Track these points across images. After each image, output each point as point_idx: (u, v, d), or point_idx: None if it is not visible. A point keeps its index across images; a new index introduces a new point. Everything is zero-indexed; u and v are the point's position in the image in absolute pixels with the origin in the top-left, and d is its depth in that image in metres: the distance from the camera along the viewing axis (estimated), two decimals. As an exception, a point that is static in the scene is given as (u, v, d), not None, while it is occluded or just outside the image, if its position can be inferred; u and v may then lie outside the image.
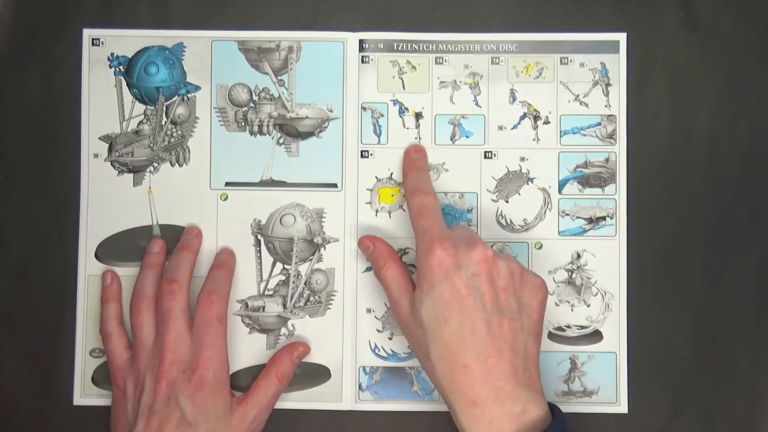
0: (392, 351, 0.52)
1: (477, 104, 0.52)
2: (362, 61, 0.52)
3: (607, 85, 0.52)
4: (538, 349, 0.45)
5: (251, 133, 0.52)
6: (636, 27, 0.52)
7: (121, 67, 0.52)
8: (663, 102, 0.52)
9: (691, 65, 0.53)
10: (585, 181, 0.52)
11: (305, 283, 0.52)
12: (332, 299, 0.52)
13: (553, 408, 0.44)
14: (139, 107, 0.52)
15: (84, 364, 0.52)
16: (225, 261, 0.51)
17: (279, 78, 0.52)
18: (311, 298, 0.52)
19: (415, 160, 0.51)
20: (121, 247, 0.52)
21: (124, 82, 0.52)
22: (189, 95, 0.52)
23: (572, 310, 0.52)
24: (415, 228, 0.47)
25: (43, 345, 0.52)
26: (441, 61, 0.52)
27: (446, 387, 0.44)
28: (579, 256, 0.52)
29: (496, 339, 0.43)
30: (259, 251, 0.52)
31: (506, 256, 0.46)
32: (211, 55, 0.52)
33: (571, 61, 0.52)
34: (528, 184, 0.52)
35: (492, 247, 0.50)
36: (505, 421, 0.42)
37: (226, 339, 0.49)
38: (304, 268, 0.52)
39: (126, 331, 0.51)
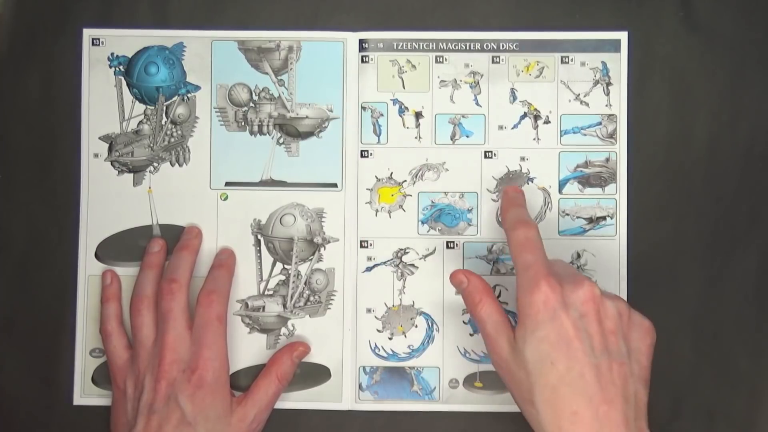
0: (392, 351, 0.52)
1: (477, 103, 0.52)
2: (362, 61, 0.52)
3: (608, 84, 0.52)
4: (647, 398, 0.42)
5: (251, 132, 0.52)
6: (636, 26, 0.52)
7: (121, 67, 0.52)
8: (663, 102, 0.52)
9: (691, 65, 0.53)
10: (585, 181, 0.52)
11: (305, 283, 0.52)
12: (332, 299, 0.52)
13: None
14: (139, 107, 0.52)
15: (84, 364, 0.52)
16: (225, 261, 0.51)
17: (279, 78, 0.52)
18: (311, 298, 0.52)
19: (514, 198, 0.50)
20: (121, 247, 0.52)
21: (124, 82, 0.52)
22: (189, 95, 0.52)
23: (572, 309, 0.52)
24: (516, 262, 0.44)
25: (43, 345, 0.52)
26: (441, 60, 0.52)
27: None
28: (579, 255, 0.52)
29: (606, 385, 0.40)
30: (259, 251, 0.52)
31: (613, 295, 0.44)
32: (211, 55, 0.52)
33: (571, 60, 0.52)
34: (528, 183, 0.52)
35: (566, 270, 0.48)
36: None
37: (226, 339, 0.49)
38: (304, 268, 0.52)
39: (126, 330, 0.51)
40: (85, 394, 0.52)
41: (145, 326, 0.49)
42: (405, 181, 0.52)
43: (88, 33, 0.52)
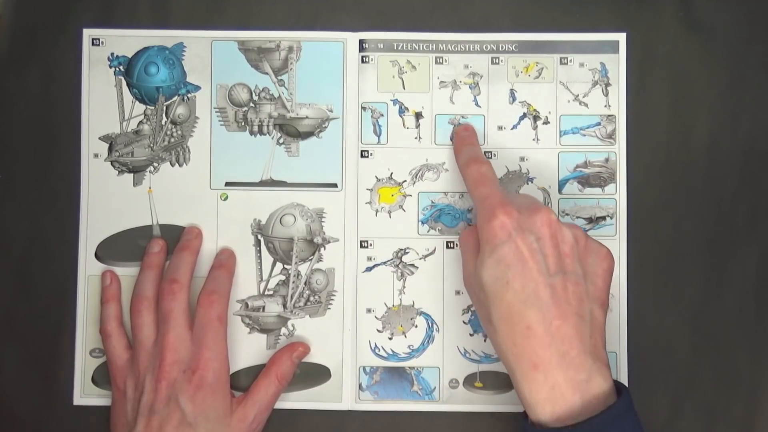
0: (392, 351, 0.52)
1: (477, 104, 0.52)
2: (362, 61, 0.52)
3: (607, 85, 0.52)
4: (604, 318, 0.43)
5: (251, 133, 0.52)
6: (636, 27, 0.52)
7: (121, 67, 0.52)
8: (663, 102, 0.52)
9: (691, 65, 0.53)
10: (585, 181, 0.52)
11: (305, 283, 0.52)
12: (332, 299, 0.52)
13: (619, 385, 0.42)
14: (139, 107, 0.52)
15: (84, 364, 0.52)
16: (225, 261, 0.51)
17: (279, 78, 0.52)
18: (311, 298, 0.52)
19: (465, 137, 0.51)
20: (121, 247, 0.52)
21: (124, 82, 0.52)
22: (189, 95, 0.52)
23: (572, 310, 0.52)
24: (474, 197, 0.46)
25: (43, 345, 0.52)
26: (441, 60, 0.52)
27: (507, 351, 0.42)
28: (579, 255, 0.52)
29: (560, 302, 0.42)
30: (259, 251, 0.52)
31: (571, 224, 0.45)
32: (211, 55, 0.52)
33: (570, 61, 0.52)
34: (528, 184, 0.52)
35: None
36: (568, 388, 0.41)
37: (227, 339, 0.49)
38: (304, 268, 0.52)
39: (126, 331, 0.51)
40: (85, 394, 0.52)
41: (145, 327, 0.49)
42: (405, 181, 0.52)
43: (88, 33, 0.52)
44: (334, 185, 0.52)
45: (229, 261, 0.51)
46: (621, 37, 0.52)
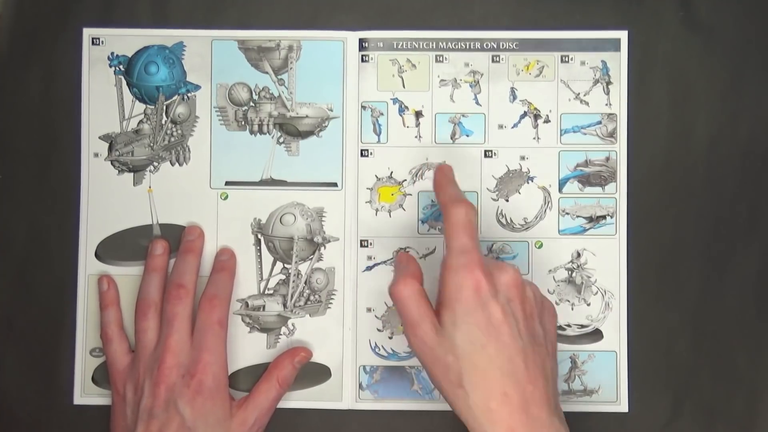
0: (392, 350, 0.52)
1: (477, 103, 0.52)
2: (362, 60, 0.52)
3: (608, 83, 0.52)
4: (557, 370, 0.45)
5: (251, 132, 0.52)
6: (636, 26, 0.52)
7: (121, 67, 0.52)
8: (663, 101, 0.52)
9: (691, 65, 0.53)
10: (585, 180, 0.52)
11: (305, 283, 0.52)
12: (332, 298, 0.52)
13: None
14: (139, 106, 0.52)
15: (84, 364, 0.52)
16: (226, 263, 0.51)
17: (279, 77, 0.52)
18: (311, 298, 0.52)
19: (448, 173, 0.49)
20: (122, 246, 0.52)
21: (124, 82, 0.52)
22: (189, 94, 0.52)
23: (572, 309, 0.52)
24: (452, 241, 0.44)
25: (43, 345, 0.52)
26: (441, 59, 0.52)
27: (480, 416, 0.41)
28: (579, 255, 0.52)
29: (530, 366, 0.42)
30: (260, 250, 0.52)
31: (527, 280, 0.45)
32: (211, 55, 0.52)
33: (571, 59, 0.52)
34: (528, 182, 0.52)
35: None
36: None
37: (227, 343, 0.49)
38: (304, 268, 0.52)
39: (126, 335, 0.51)
40: (85, 393, 0.52)
41: (150, 330, 0.49)
42: (405, 180, 0.52)
43: (88, 32, 0.52)
44: (334, 184, 0.52)
45: (230, 262, 0.51)
46: (623, 35, 0.52)
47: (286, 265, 0.52)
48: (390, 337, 0.52)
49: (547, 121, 0.52)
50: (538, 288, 0.45)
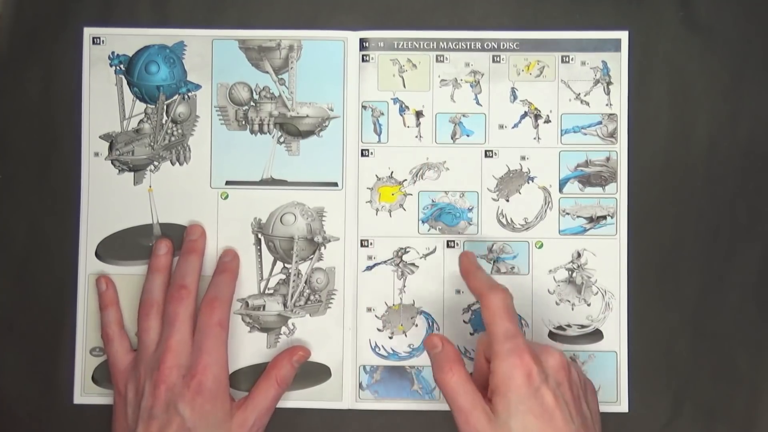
0: (392, 350, 0.52)
1: (478, 103, 0.52)
2: (363, 60, 0.52)
3: (608, 83, 0.52)
4: None
5: (252, 131, 0.52)
6: (637, 26, 0.52)
7: (121, 66, 0.52)
8: (663, 101, 0.52)
9: (691, 65, 0.53)
10: (586, 180, 0.52)
11: (306, 282, 0.52)
12: (332, 298, 0.52)
13: None
14: (140, 106, 0.52)
15: (84, 363, 0.52)
16: (229, 265, 0.51)
17: (279, 77, 0.52)
18: (311, 297, 0.52)
19: (474, 260, 0.50)
20: (122, 245, 0.52)
21: (124, 81, 0.52)
22: (189, 94, 0.52)
23: (572, 309, 0.52)
24: (495, 328, 0.44)
25: (43, 345, 0.52)
26: (442, 59, 0.52)
27: None
28: (579, 255, 0.52)
29: None
30: (260, 250, 0.52)
31: (569, 360, 0.45)
32: (212, 54, 0.52)
33: (572, 59, 0.52)
34: (528, 183, 0.52)
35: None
36: None
37: (227, 345, 0.49)
38: (304, 267, 0.52)
39: (127, 333, 0.51)
40: (86, 393, 0.52)
41: (152, 330, 0.49)
42: (405, 180, 0.52)
43: (88, 32, 0.52)
44: (335, 184, 0.52)
45: (233, 264, 0.51)
46: (623, 35, 0.52)
47: (286, 265, 0.52)
48: (390, 337, 0.52)
49: (547, 121, 0.52)
50: (580, 368, 0.46)
